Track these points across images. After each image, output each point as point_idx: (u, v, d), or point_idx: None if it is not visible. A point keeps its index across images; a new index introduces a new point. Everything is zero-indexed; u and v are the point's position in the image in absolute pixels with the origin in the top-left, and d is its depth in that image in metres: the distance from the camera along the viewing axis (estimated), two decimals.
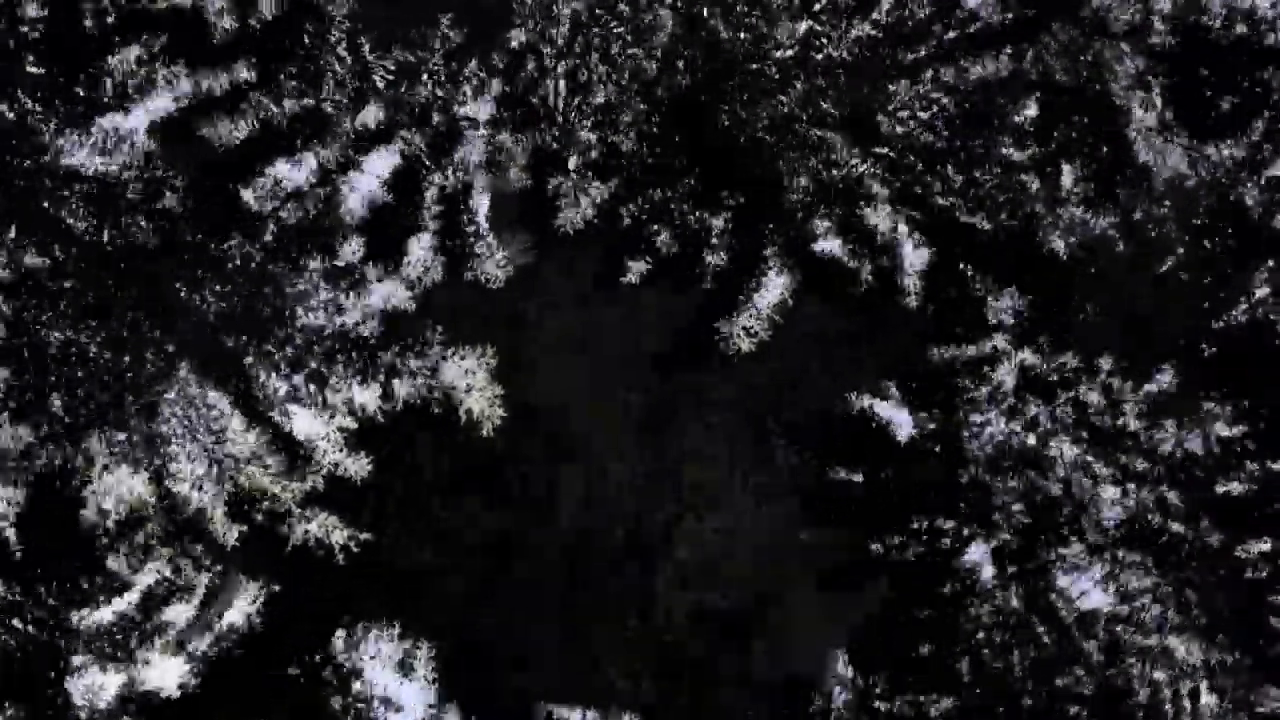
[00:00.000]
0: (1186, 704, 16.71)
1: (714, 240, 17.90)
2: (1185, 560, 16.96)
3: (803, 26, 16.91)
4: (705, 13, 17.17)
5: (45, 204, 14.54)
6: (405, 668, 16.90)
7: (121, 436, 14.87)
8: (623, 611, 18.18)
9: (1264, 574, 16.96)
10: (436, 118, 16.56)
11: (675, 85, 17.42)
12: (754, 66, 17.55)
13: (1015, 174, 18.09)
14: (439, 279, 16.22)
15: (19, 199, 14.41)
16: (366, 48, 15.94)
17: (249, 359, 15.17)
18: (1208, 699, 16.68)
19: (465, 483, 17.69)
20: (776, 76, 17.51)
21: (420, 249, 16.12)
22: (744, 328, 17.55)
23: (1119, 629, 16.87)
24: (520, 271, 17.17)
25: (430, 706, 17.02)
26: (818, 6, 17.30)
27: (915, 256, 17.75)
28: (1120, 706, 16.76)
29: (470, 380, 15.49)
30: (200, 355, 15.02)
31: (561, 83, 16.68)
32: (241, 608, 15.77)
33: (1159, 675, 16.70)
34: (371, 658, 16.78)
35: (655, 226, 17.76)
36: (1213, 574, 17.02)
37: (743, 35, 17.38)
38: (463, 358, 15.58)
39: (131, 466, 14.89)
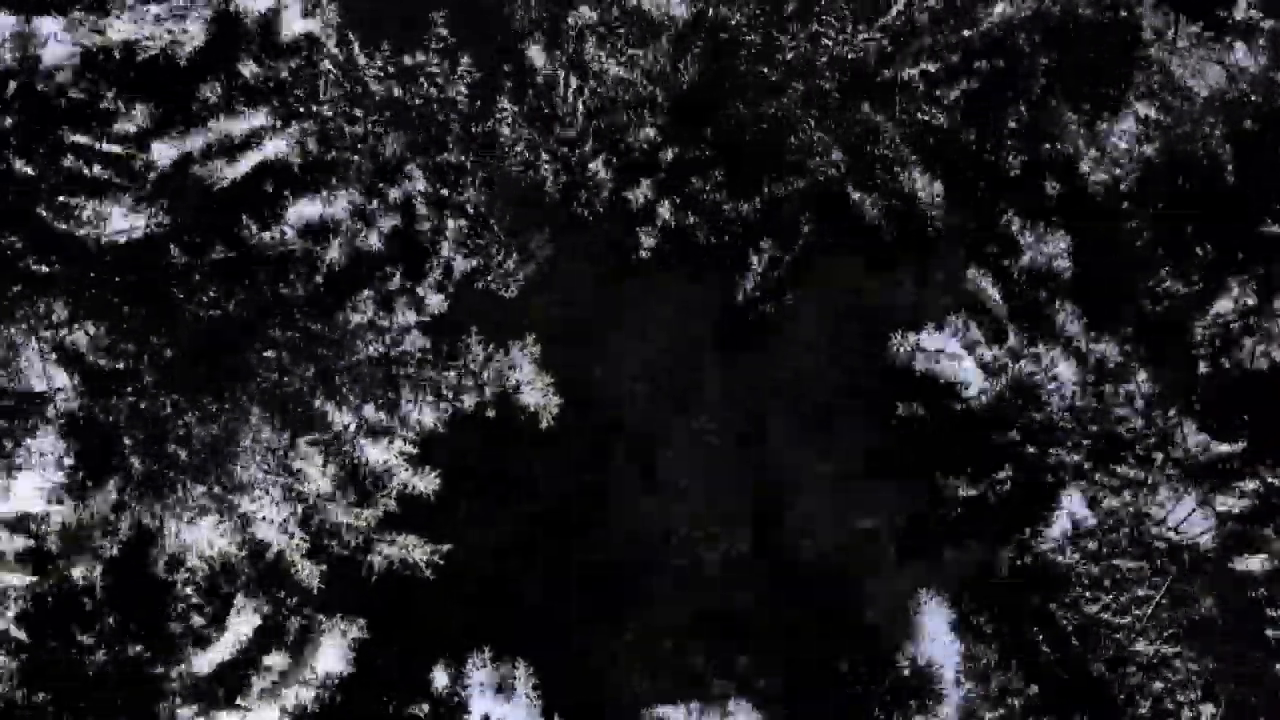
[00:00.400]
0: (1186, 713, 16.16)
1: (746, 220, 17.84)
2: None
3: None
4: (711, 13, 17.20)
5: (88, 271, 14.83)
6: (505, 689, 16.80)
7: (200, 489, 15.01)
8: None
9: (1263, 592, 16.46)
10: (450, 139, 16.69)
11: (679, 85, 17.44)
12: (761, 69, 17.51)
13: (1049, 114, 17.85)
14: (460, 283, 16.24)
15: (63, 269, 14.67)
16: (364, 62, 16.08)
17: (317, 398, 15.26)
18: (1206, 708, 16.13)
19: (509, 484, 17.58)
20: (781, 72, 17.50)
21: (443, 254, 16.15)
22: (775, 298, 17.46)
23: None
24: (540, 267, 17.19)
25: None
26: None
27: (933, 188, 17.53)
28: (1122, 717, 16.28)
29: (519, 374, 15.44)
30: (267, 399, 15.14)
31: (573, 80, 16.78)
32: (333, 649, 15.77)
33: (1158, 685, 16.16)
34: (470, 686, 16.71)
35: (691, 217, 17.73)
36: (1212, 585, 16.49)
37: (749, 36, 17.41)
38: (505, 353, 15.54)
39: (215, 517, 15.01)
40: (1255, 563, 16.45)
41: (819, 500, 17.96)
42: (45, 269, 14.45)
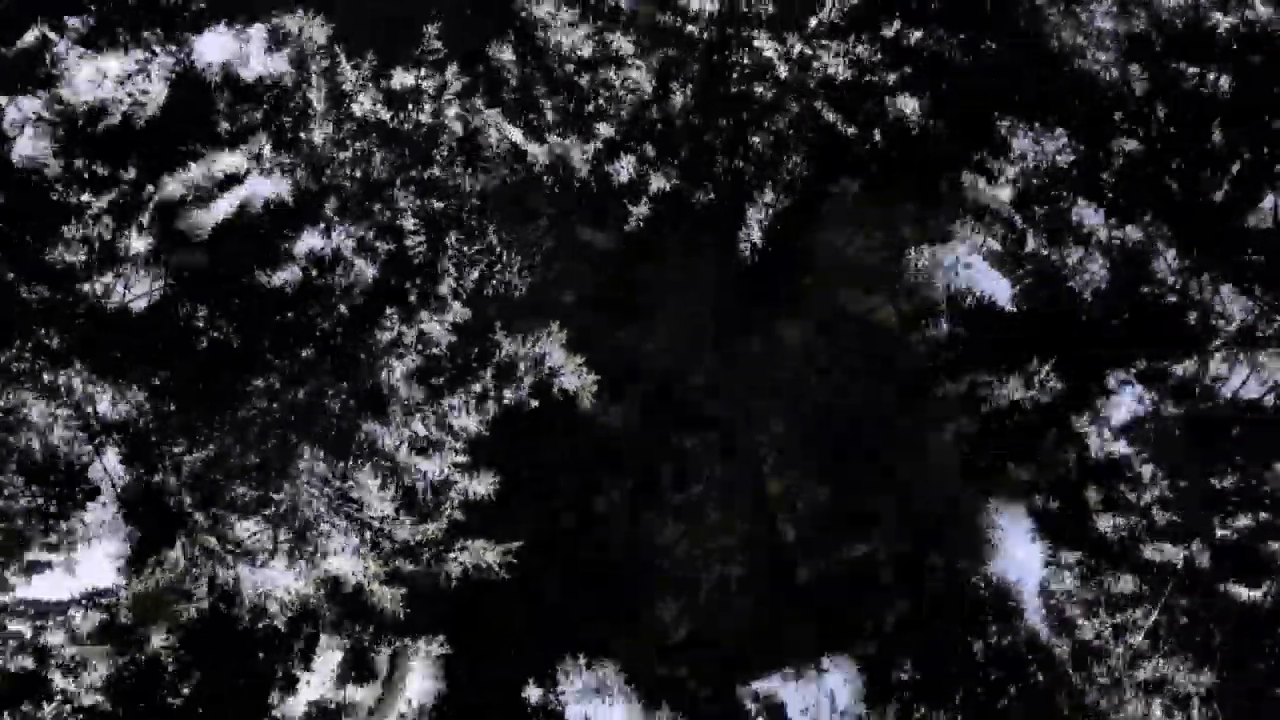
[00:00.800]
0: None
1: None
2: None
3: None
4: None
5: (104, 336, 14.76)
6: (601, 690, 16.63)
7: (267, 533, 14.91)
8: None
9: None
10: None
11: (670, 108, 17.43)
12: (757, 89, 17.47)
13: None
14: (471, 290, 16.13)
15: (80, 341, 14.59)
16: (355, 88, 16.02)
17: (363, 422, 15.16)
18: None
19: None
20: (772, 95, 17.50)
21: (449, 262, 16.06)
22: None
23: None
24: (542, 258, 17.12)
25: None
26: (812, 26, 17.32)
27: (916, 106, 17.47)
28: None
29: (551, 361, 15.33)
30: (315, 432, 15.04)
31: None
32: (421, 671, 15.65)
33: (1158, 708, 15.98)
34: (567, 693, 16.57)
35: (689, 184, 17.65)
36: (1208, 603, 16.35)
37: (740, 59, 17.40)
38: (534, 343, 15.43)
39: (285, 559, 14.90)
40: (1253, 594, 16.26)
41: (816, 521, 17.63)
42: (39, 295, 14.34)
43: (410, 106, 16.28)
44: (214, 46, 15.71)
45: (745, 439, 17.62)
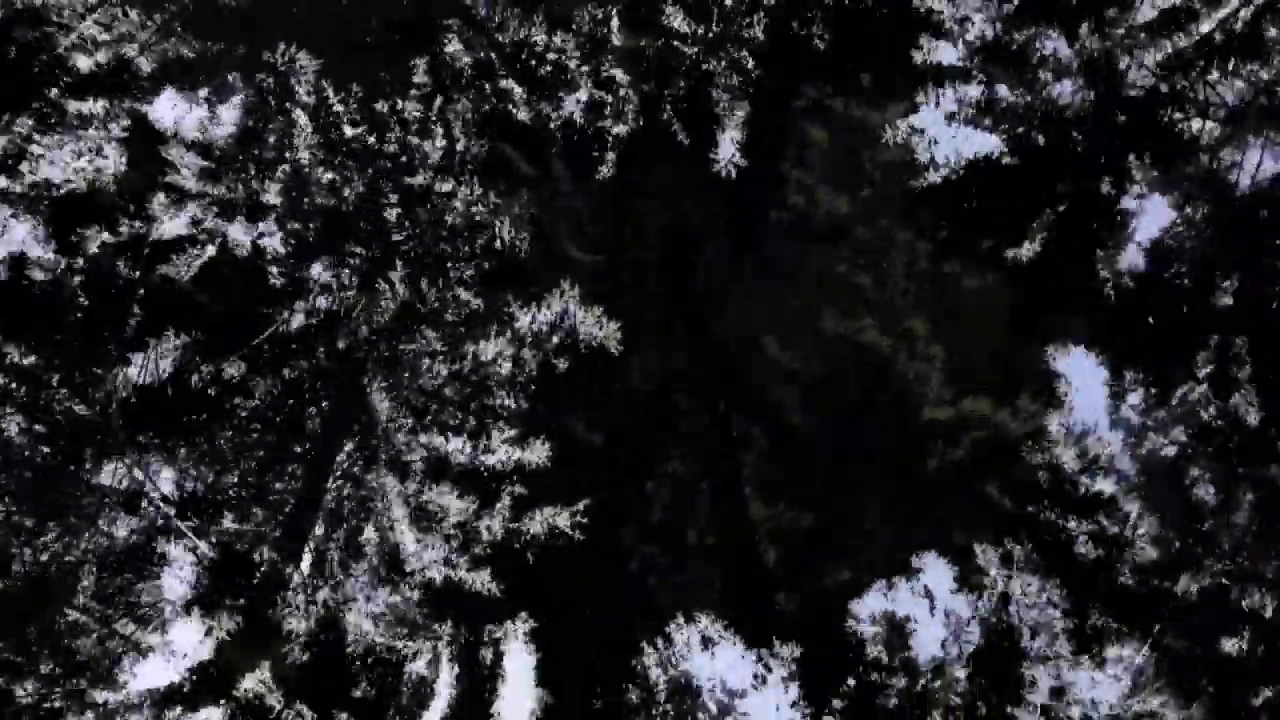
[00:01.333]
0: None
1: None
2: None
3: None
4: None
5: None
6: (708, 644, 16.51)
7: (363, 568, 15.07)
8: None
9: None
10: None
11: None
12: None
13: None
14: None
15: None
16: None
17: (422, 436, 15.32)
18: None
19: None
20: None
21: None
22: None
23: None
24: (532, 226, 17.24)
25: (756, 666, 16.54)
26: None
27: None
28: None
29: (570, 319, 15.40)
30: (383, 459, 15.20)
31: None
32: (517, 649, 15.71)
33: None
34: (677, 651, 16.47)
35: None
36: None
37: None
38: (550, 305, 15.50)
39: (387, 589, 15.04)
40: (1233, 646, 15.88)
41: (798, 550, 17.45)
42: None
43: (396, 128, 16.57)
44: (167, 107, 16.15)
45: (729, 461, 17.46)
